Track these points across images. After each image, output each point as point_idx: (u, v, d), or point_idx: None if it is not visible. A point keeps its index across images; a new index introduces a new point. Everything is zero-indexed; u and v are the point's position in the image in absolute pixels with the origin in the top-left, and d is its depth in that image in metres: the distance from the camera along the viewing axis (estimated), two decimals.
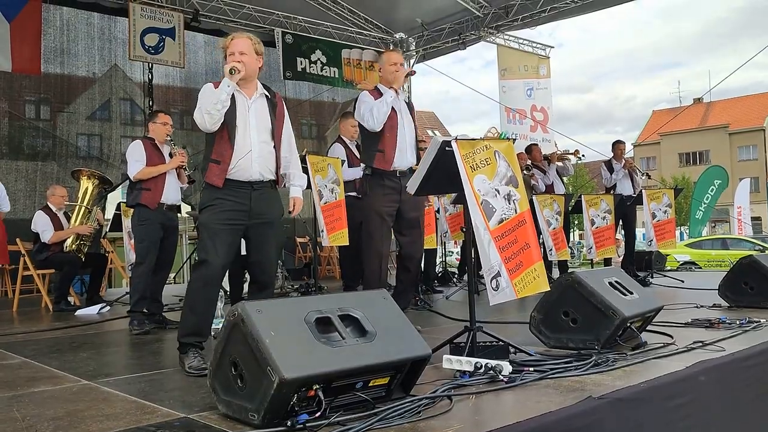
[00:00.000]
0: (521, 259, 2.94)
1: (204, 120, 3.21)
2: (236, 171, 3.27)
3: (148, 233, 4.82)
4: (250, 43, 3.35)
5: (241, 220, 3.30)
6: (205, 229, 3.31)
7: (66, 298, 6.47)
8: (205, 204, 3.33)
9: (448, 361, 2.89)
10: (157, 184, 4.88)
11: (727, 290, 5.05)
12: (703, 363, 2.94)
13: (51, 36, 9.25)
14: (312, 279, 7.28)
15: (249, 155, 3.29)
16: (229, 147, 3.27)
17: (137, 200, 4.85)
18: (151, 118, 5.22)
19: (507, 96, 12.21)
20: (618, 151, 8.47)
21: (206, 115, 3.19)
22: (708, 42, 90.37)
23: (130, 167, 4.89)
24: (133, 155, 4.89)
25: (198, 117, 3.23)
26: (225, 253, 3.25)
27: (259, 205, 3.34)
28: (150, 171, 4.86)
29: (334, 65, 11.57)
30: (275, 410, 2.09)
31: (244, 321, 2.17)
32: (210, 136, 3.33)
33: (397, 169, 4.24)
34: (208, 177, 3.31)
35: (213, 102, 3.18)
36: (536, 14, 10.90)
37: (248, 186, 3.30)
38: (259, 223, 3.35)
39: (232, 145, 3.27)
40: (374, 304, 2.52)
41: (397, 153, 4.22)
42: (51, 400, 2.69)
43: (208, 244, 3.24)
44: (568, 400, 2.39)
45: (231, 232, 3.28)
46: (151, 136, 5.07)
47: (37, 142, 9.33)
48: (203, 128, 3.26)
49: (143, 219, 4.83)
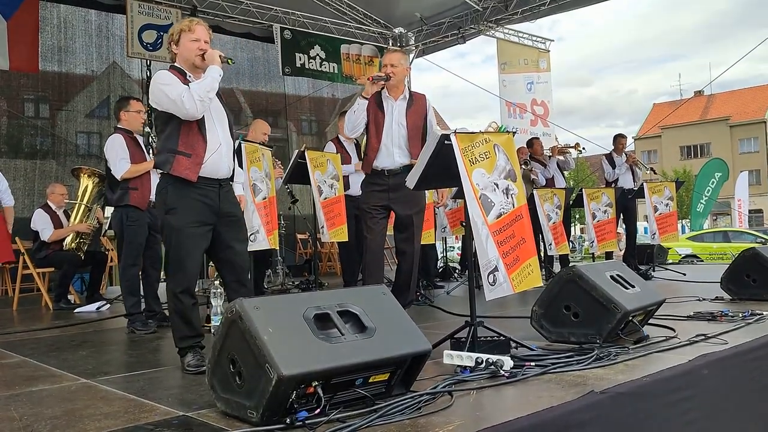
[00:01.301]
0: (518, 254, 2.92)
1: (196, 107, 3.01)
2: (207, 166, 3.12)
3: (137, 235, 4.66)
4: (207, 33, 3.25)
5: (212, 221, 3.17)
6: (176, 234, 3.10)
7: (66, 296, 6.45)
8: (173, 204, 3.11)
9: (448, 356, 2.86)
10: (144, 183, 4.70)
11: (729, 283, 5.03)
12: (705, 356, 2.92)
13: (48, 34, 9.21)
14: (312, 275, 7.26)
15: (219, 150, 3.17)
16: (202, 140, 3.11)
17: (125, 201, 4.65)
18: (123, 106, 4.89)
19: (507, 90, 12.17)
20: (619, 146, 8.45)
21: (199, 102, 3.01)
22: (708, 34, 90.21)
23: (116, 166, 4.66)
24: (117, 153, 4.67)
25: (188, 103, 2.99)
26: (199, 257, 3.17)
27: (226, 204, 3.23)
28: (137, 169, 4.67)
29: (333, 60, 11.53)
30: (274, 407, 2.07)
31: (242, 318, 2.15)
32: (174, 126, 3.11)
33: (384, 169, 4.36)
34: (177, 170, 3.07)
35: (207, 89, 3.04)
36: (536, 8, 10.84)
37: (216, 183, 3.18)
38: (228, 222, 3.23)
39: (205, 138, 3.12)
40: (373, 299, 2.50)
41: (379, 155, 4.35)
42: (49, 398, 2.67)
43: (182, 252, 3.09)
44: (570, 394, 2.36)
45: (204, 235, 3.14)
46: (125, 128, 4.83)
47: (36, 140, 9.31)
48: (191, 116, 3.04)
49: (133, 220, 4.64)
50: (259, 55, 11.47)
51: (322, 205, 5.17)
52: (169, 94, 3.04)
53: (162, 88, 3.07)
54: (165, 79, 3.10)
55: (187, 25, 3.21)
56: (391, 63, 4.33)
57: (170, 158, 3.10)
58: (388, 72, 4.28)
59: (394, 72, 4.29)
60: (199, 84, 3.07)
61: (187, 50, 3.18)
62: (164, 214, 3.14)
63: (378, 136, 4.34)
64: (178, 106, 3.02)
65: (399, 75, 4.34)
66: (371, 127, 4.38)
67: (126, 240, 4.68)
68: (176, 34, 3.21)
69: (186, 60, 3.20)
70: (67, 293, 6.50)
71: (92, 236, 6.79)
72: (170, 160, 3.09)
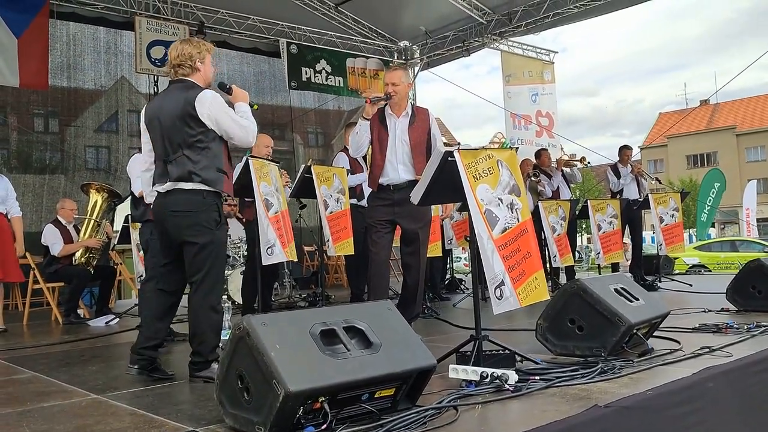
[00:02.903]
0: (524, 268, 2.95)
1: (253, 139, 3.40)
2: None
3: None
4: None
5: None
6: (224, 249, 3.38)
7: (76, 310, 6.51)
8: (223, 220, 3.35)
9: (454, 370, 2.89)
10: None
11: (735, 294, 5.02)
12: (710, 369, 2.93)
13: (58, 51, 9.36)
14: (319, 288, 7.30)
15: None
16: (230, 163, 3.40)
17: (147, 216, 4.76)
18: None
19: (512, 102, 12.23)
20: (624, 157, 8.46)
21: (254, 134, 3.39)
22: (713, 43, 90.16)
23: (135, 184, 4.85)
24: (136, 171, 4.78)
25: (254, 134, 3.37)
26: None
27: None
28: None
29: (338, 74, 11.63)
30: (281, 423, 2.10)
31: (250, 334, 2.18)
32: (218, 146, 3.31)
33: (389, 184, 4.38)
34: (227, 188, 3.36)
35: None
36: (539, 20, 10.92)
37: None
38: None
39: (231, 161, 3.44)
40: (379, 315, 2.53)
41: (384, 171, 4.37)
42: (60, 414, 2.71)
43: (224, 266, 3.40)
44: (574, 408, 2.39)
45: None
46: None
47: (45, 155, 9.42)
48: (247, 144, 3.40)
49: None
50: (265, 69, 11.58)
51: (328, 219, 5.21)
52: (239, 122, 3.30)
53: (230, 114, 3.29)
54: (227, 107, 3.32)
55: (210, 47, 3.44)
56: (392, 82, 4.36)
57: (220, 177, 3.29)
58: (389, 91, 4.31)
59: (396, 90, 4.32)
60: (253, 122, 3.39)
61: (212, 72, 3.43)
62: (215, 230, 3.27)
63: (382, 153, 4.37)
64: (246, 134, 3.32)
65: (401, 93, 4.36)
66: (375, 145, 4.41)
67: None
68: (204, 53, 3.37)
69: (206, 80, 3.38)
70: (77, 307, 6.56)
71: (101, 251, 6.87)
72: (221, 179, 3.29)
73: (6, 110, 9.09)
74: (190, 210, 3.23)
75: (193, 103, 3.19)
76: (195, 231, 3.20)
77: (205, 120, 3.22)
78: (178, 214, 3.24)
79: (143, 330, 3.38)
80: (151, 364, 3.34)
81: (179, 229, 3.25)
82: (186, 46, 3.35)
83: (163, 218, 3.32)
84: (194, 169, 3.20)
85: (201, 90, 3.26)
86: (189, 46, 3.34)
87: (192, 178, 3.22)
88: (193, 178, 3.21)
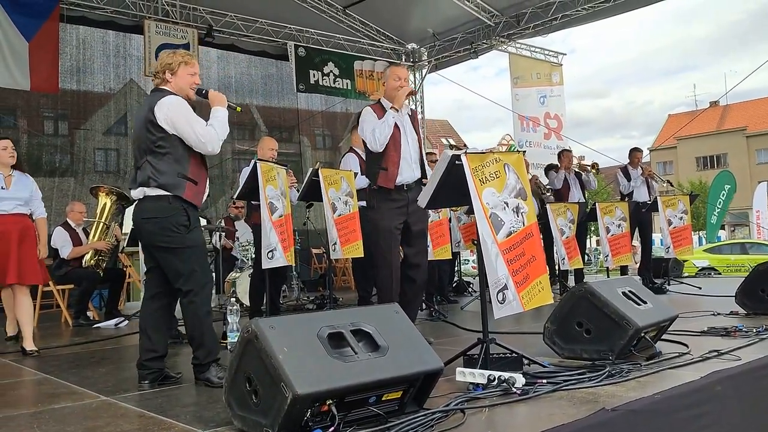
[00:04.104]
0: (528, 272, 2.95)
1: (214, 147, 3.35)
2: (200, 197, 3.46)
3: None
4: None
5: None
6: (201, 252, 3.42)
7: (85, 312, 6.56)
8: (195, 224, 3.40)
9: (461, 373, 2.89)
10: None
11: (744, 297, 5.00)
12: (718, 373, 2.92)
13: (68, 54, 9.44)
14: (327, 290, 7.31)
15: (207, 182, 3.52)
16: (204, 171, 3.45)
17: None
18: None
19: (520, 104, 12.22)
20: (635, 159, 8.43)
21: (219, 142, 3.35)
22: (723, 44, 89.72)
23: None
24: None
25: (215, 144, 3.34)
26: None
27: None
28: None
29: (346, 77, 11.66)
30: (289, 426, 2.11)
31: (258, 337, 2.20)
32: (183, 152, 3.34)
33: (403, 183, 4.29)
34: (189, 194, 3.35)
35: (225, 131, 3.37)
36: (547, 22, 10.92)
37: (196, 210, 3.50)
38: None
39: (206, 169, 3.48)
40: (386, 318, 2.54)
41: (400, 169, 4.26)
42: (71, 416, 2.74)
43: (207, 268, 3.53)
44: (582, 412, 2.38)
45: None
46: None
47: (55, 158, 9.49)
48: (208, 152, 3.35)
49: None
50: (273, 72, 11.62)
51: (335, 221, 5.21)
52: (196, 129, 3.25)
53: (188, 118, 3.26)
54: (188, 112, 3.29)
55: (186, 58, 3.42)
56: (405, 77, 4.39)
57: (181, 182, 3.27)
58: (402, 85, 4.34)
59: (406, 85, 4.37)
60: (221, 127, 3.32)
61: (185, 82, 3.38)
62: (185, 234, 3.28)
63: (397, 150, 4.28)
64: (202, 143, 3.27)
65: None
66: (389, 142, 4.28)
67: None
68: (176, 65, 3.38)
69: (181, 90, 3.38)
70: (87, 310, 6.61)
71: (110, 253, 6.91)
72: (181, 184, 3.27)
73: (16, 113, 9.18)
74: (157, 216, 3.26)
75: (153, 109, 3.24)
76: (164, 236, 3.24)
77: (163, 124, 3.23)
78: (147, 221, 3.28)
79: (142, 342, 3.39)
80: (160, 375, 3.34)
81: (150, 235, 3.30)
82: (165, 57, 3.44)
83: (137, 225, 3.40)
84: (152, 175, 3.24)
85: (164, 95, 3.29)
86: (167, 57, 3.42)
87: (149, 182, 3.25)
88: (150, 182, 3.24)
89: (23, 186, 4.82)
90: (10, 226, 4.63)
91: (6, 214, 4.65)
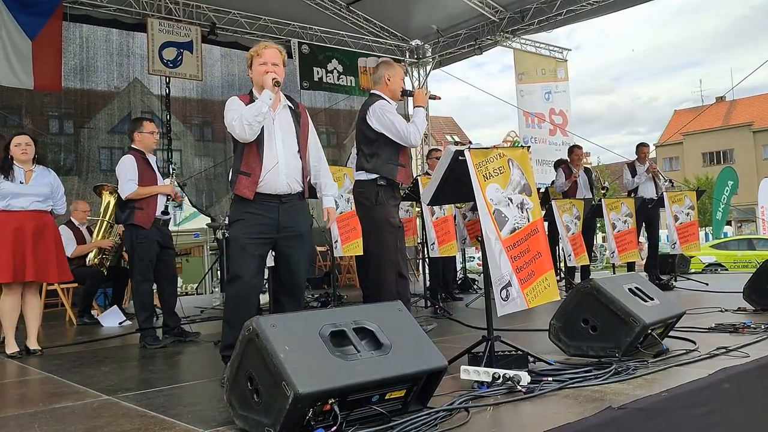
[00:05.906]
0: (533, 269, 2.91)
1: (245, 131, 3.22)
2: (265, 184, 3.29)
3: (146, 252, 4.77)
4: (280, 55, 3.43)
5: (270, 234, 3.32)
6: (235, 244, 3.32)
7: (89, 311, 6.57)
8: (235, 218, 3.36)
9: (465, 371, 2.86)
10: (149, 203, 4.81)
11: (751, 293, 4.95)
12: (726, 370, 2.89)
13: (71, 53, 9.43)
14: (332, 288, 7.30)
15: (276, 168, 3.30)
16: (258, 159, 3.29)
17: (131, 220, 4.78)
18: (136, 127, 5.01)
19: (525, 100, 12.15)
20: (642, 154, 8.34)
21: (247, 126, 3.20)
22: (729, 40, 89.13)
23: (123, 186, 4.78)
24: (126, 174, 4.78)
25: (237, 127, 3.22)
26: (256, 267, 3.30)
27: (287, 218, 3.35)
28: (142, 192, 4.78)
29: (350, 74, 11.61)
30: (291, 425, 2.09)
31: (259, 336, 2.17)
32: (240, 148, 3.34)
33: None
34: (238, 189, 3.31)
35: (254, 114, 3.21)
36: (552, 17, 10.84)
37: (276, 199, 3.32)
38: (288, 236, 3.37)
39: (261, 157, 3.29)
40: (389, 316, 2.51)
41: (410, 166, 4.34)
42: (72, 416, 2.72)
43: (238, 259, 3.29)
44: (588, 410, 2.35)
45: (260, 246, 3.31)
46: (138, 148, 4.93)
47: (60, 157, 9.50)
48: (242, 139, 3.26)
49: (141, 238, 4.77)
50: None
51: (337, 219, 5.19)
52: (228, 119, 3.28)
53: (225, 114, 3.31)
54: (229, 105, 3.36)
55: (256, 50, 3.42)
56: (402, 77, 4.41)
57: (235, 179, 3.34)
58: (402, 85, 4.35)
59: None
60: (248, 109, 3.25)
61: (258, 74, 3.37)
62: (229, 226, 3.43)
63: (403, 147, 4.29)
64: (236, 130, 3.25)
65: None
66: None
67: (136, 257, 4.81)
68: (249, 59, 3.43)
69: (257, 83, 3.40)
70: (91, 308, 6.61)
71: (114, 252, 6.90)
72: (234, 180, 3.35)
73: (21, 112, 9.18)
74: None
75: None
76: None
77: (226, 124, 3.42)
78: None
79: None
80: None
81: None
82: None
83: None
84: None
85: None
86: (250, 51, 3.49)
87: None
88: None
89: (43, 181, 4.76)
90: (26, 223, 4.56)
91: (23, 210, 4.57)
